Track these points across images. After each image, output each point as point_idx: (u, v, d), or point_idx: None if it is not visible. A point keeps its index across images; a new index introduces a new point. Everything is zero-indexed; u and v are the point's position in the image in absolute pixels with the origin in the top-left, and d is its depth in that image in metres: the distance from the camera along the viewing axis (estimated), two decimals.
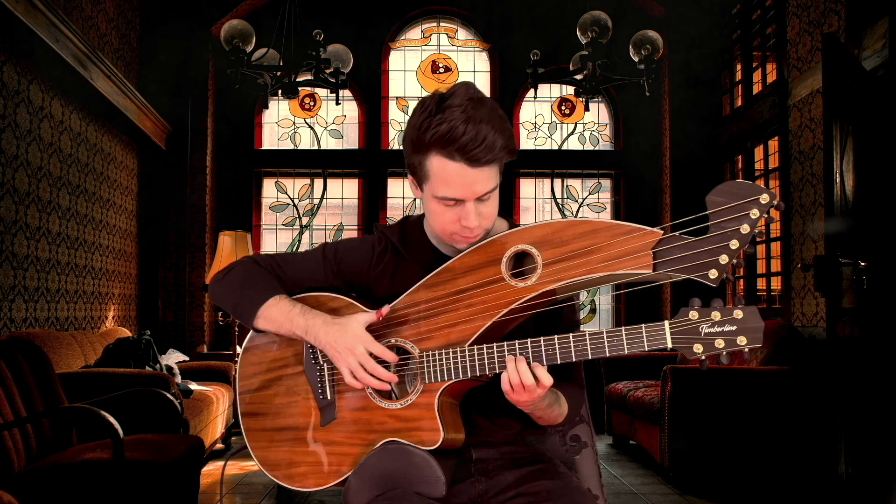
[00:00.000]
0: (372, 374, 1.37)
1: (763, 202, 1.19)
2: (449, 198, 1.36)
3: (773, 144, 5.32)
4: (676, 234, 1.23)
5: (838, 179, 3.50)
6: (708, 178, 5.93)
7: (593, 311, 6.70)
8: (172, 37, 6.07)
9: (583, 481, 1.60)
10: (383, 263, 1.54)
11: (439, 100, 1.34)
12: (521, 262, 1.36)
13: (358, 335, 1.39)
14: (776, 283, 5.34)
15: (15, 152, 3.92)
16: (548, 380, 1.30)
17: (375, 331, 1.44)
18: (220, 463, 4.54)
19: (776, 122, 5.12)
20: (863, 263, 3.44)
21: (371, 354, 1.38)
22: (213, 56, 6.30)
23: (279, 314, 1.47)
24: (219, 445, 4.92)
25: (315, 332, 1.43)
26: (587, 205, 6.67)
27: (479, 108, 1.31)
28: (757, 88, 5.62)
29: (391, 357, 1.38)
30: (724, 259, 1.19)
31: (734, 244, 1.19)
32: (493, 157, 1.33)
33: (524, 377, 1.29)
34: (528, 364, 1.30)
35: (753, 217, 1.19)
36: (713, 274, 1.19)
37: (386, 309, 1.41)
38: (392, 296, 1.45)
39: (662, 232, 1.24)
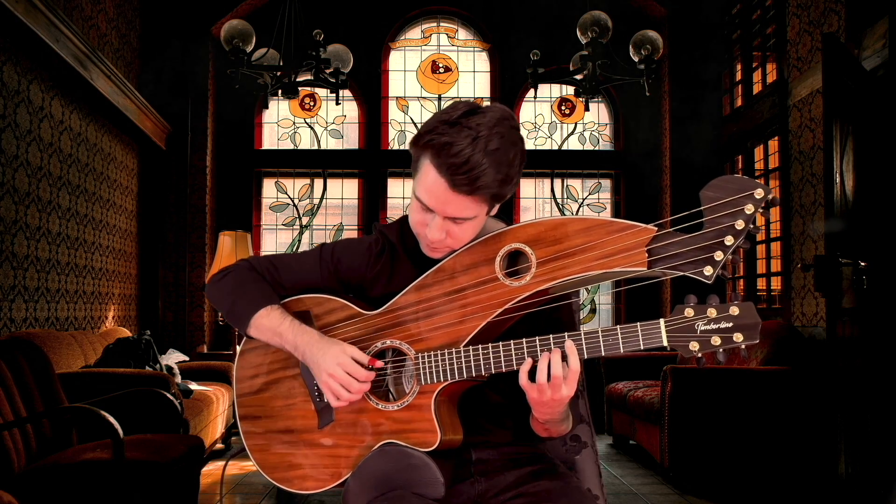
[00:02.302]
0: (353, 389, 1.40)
1: (757, 197, 1.17)
2: (423, 203, 1.36)
3: (773, 144, 5.32)
4: (671, 230, 1.22)
5: (838, 179, 3.50)
6: (708, 178, 5.85)
7: (593, 310, 6.70)
8: (172, 37, 6.07)
9: (583, 481, 1.60)
10: (380, 264, 1.54)
11: (465, 112, 1.31)
12: (515, 262, 1.36)
13: (340, 361, 1.39)
14: (776, 283, 5.34)
15: (15, 152, 3.92)
16: (576, 365, 1.27)
17: (371, 332, 1.44)
18: (220, 463, 4.54)
19: (776, 122, 5.12)
20: (863, 263, 3.44)
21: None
22: (213, 56, 6.30)
23: (269, 326, 1.49)
24: (219, 445, 4.92)
25: (303, 349, 1.45)
26: (587, 205, 6.67)
27: (491, 140, 1.28)
28: (757, 88, 5.61)
29: (369, 375, 1.40)
30: (719, 255, 1.18)
31: (729, 240, 1.17)
32: (472, 190, 1.30)
33: (554, 369, 1.26)
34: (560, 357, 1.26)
35: (748, 212, 1.17)
36: (708, 270, 1.18)
37: (379, 363, 1.42)
38: (388, 297, 1.45)
39: (657, 228, 1.22)
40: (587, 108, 5.38)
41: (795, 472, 4.02)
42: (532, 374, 1.30)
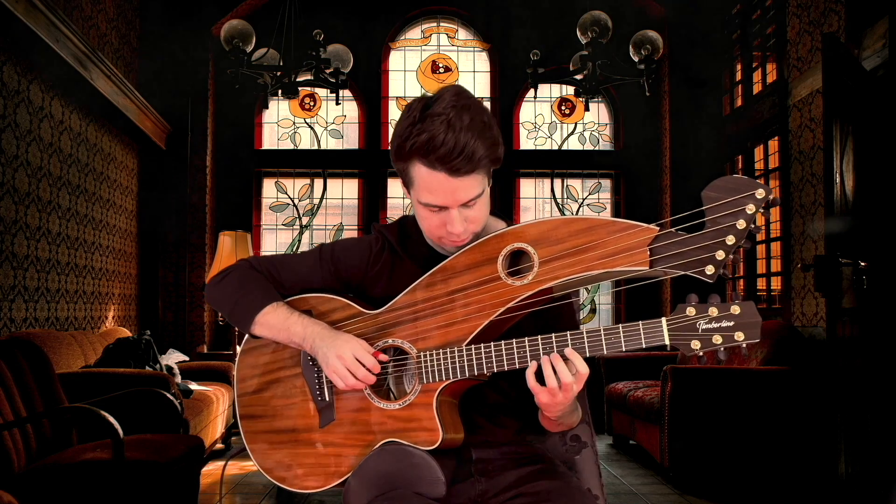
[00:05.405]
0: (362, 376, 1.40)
1: (759, 197, 1.18)
2: (433, 205, 1.36)
3: (773, 144, 5.32)
4: (672, 230, 1.23)
5: (838, 179, 3.50)
6: (708, 178, 5.87)
7: (593, 310, 6.70)
8: (172, 37, 6.07)
9: (583, 481, 1.60)
10: (380, 263, 1.54)
11: (423, 106, 1.33)
12: (517, 261, 1.36)
13: (352, 346, 1.40)
14: (776, 283, 5.34)
15: (15, 152, 3.92)
16: (585, 368, 1.27)
17: (373, 331, 1.44)
18: (220, 463, 4.54)
19: (776, 122, 5.12)
20: (863, 263, 3.44)
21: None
22: (213, 56, 6.30)
23: (277, 321, 1.48)
24: (219, 445, 4.92)
25: (312, 340, 1.45)
26: (587, 205, 6.67)
27: (462, 116, 1.30)
28: (757, 88, 5.61)
29: (376, 366, 1.40)
30: (720, 255, 1.19)
31: (730, 240, 1.18)
32: (473, 167, 1.32)
33: (564, 376, 1.26)
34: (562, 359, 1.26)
35: (749, 212, 1.18)
36: (710, 270, 1.19)
37: (384, 356, 1.42)
38: (389, 296, 1.45)
39: (658, 228, 1.23)
40: (587, 108, 5.39)
41: (795, 472, 4.01)
42: (540, 378, 1.30)
